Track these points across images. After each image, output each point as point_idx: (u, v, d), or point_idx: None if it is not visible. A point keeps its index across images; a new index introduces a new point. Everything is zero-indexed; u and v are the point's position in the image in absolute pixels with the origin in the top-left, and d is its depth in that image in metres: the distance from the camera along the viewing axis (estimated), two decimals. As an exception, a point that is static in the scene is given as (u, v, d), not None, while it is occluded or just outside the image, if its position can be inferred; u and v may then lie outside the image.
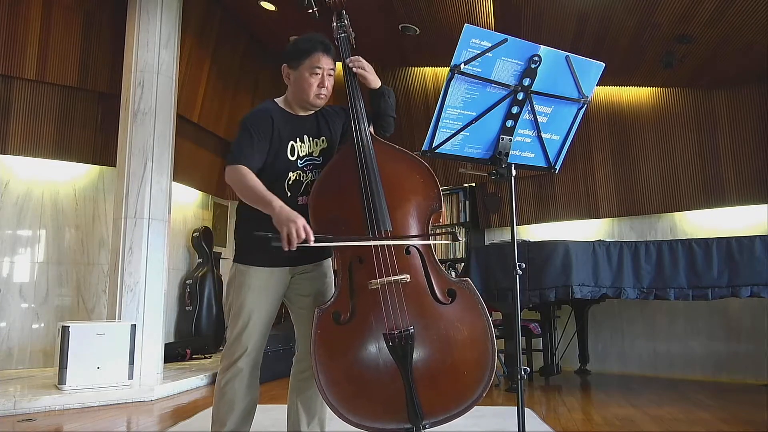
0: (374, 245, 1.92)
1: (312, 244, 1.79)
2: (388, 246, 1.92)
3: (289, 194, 2.02)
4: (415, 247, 1.97)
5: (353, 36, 2.22)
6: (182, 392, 4.17)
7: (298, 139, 2.05)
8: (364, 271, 1.92)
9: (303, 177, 2.05)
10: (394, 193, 1.99)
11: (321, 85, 2.01)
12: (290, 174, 2.03)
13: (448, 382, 1.90)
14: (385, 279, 1.89)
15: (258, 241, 1.82)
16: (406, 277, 1.91)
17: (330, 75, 2.04)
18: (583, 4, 4.16)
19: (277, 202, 1.83)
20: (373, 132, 2.18)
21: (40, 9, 4.74)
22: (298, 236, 1.75)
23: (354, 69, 2.10)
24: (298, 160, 2.05)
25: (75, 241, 5.17)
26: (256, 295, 2.02)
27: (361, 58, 2.13)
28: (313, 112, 2.12)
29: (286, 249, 1.76)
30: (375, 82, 2.13)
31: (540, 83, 1.87)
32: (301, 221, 1.78)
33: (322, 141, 2.12)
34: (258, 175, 1.97)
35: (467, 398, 1.90)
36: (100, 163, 5.23)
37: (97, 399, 3.69)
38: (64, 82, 4.94)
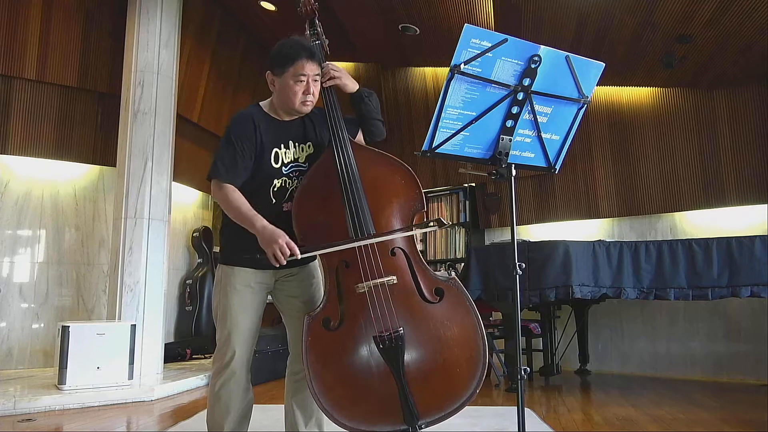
0: (359, 247, 1.91)
1: (299, 257, 1.83)
2: (373, 248, 1.92)
3: (274, 201, 2.02)
4: (400, 248, 1.98)
5: (327, 43, 2.20)
6: (182, 392, 4.17)
7: (282, 146, 2.03)
8: (351, 275, 1.93)
9: (288, 184, 2.04)
10: (375, 197, 2.00)
11: (306, 92, 1.98)
12: (275, 181, 2.02)
13: (441, 380, 1.91)
14: (371, 282, 1.90)
15: (242, 242, 1.85)
16: (393, 278, 1.92)
17: (315, 81, 2.00)
18: (583, 4, 4.16)
19: (260, 223, 1.86)
20: (363, 139, 2.17)
21: (40, 9, 4.74)
22: (284, 254, 1.80)
23: (326, 84, 2.08)
24: (283, 167, 2.03)
25: (75, 241, 5.17)
26: (241, 296, 2.02)
27: (330, 65, 2.10)
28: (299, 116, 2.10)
29: (276, 266, 1.83)
30: (352, 85, 2.12)
31: (540, 83, 1.88)
32: (284, 239, 1.81)
33: (309, 146, 2.10)
34: (243, 183, 1.98)
35: (461, 395, 1.91)
36: (100, 163, 5.23)
37: (97, 399, 3.69)
38: (64, 82, 4.94)
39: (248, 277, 2.03)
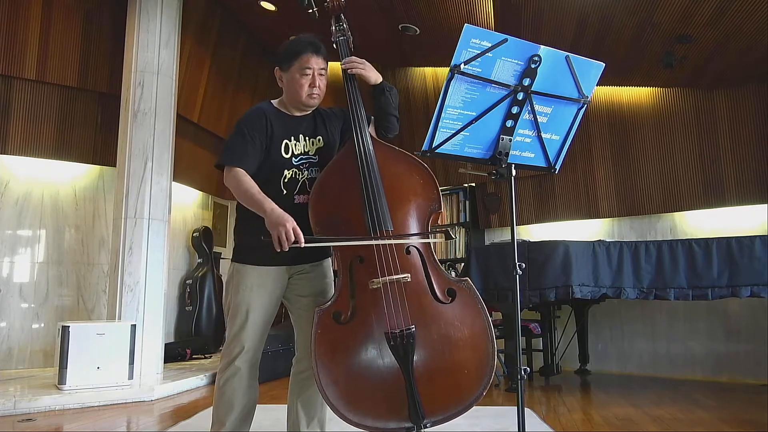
0: (375, 244, 1.92)
1: (302, 245, 1.82)
2: (389, 245, 1.93)
3: (284, 192, 2.04)
4: (415, 246, 1.98)
5: (351, 39, 2.21)
6: (182, 392, 4.17)
7: (292, 137, 2.06)
8: (365, 270, 1.93)
9: (299, 175, 2.06)
10: (394, 194, 2.00)
11: (312, 85, 2.02)
12: (285, 172, 2.04)
13: (449, 380, 1.91)
14: (386, 278, 1.90)
15: (256, 241, 1.85)
16: (407, 276, 1.92)
17: (321, 75, 2.04)
18: (583, 4, 4.16)
19: (269, 205, 1.86)
20: (374, 134, 2.18)
21: (40, 9, 4.74)
22: (288, 238, 1.79)
23: (350, 71, 2.10)
24: (293, 158, 2.05)
25: (75, 241, 5.17)
26: (253, 294, 2.02)
27: (354, 58, 2.13)
28: (309, 112, 2.12)
29: (278, 250, 1.81)
30: (375, 77, 2.13)
31: (540, 83, 1.87)
32: (291, 224, 1.81)
33: (319, 140, 2.12)
34: (254, 174, 2.00)
35: (468, 397, 1.91)
36: (100, 163, 5.23)
37: (97, 399, 3.69)
38: (64, 82, 4.94)
39: (261, 276, 2.04)
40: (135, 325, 4.07)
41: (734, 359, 4.72)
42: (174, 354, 5.14)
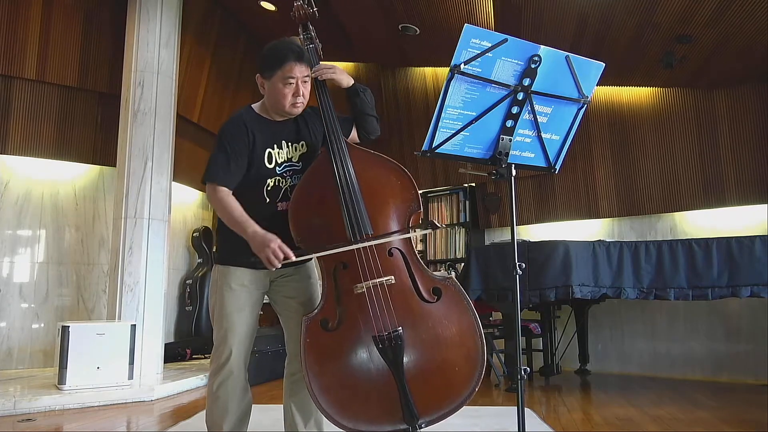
0: (356, 249, 1.91)
1: (293, 259, 1.84)
2: (371, 249, 1.93)
3: (267, 200, 2.03)
4: (397, 248, 1.98)
5: (320, 47, 2.19)
6: (182, 392, 4.17)
7: (275, 146, 2.04)
8: (349, 276, 1.94)
9: (282, 183, 2.05)
10: (372, 198, 2.00)
11: (296, 94, 1.98)
12: (268, 181, 2.02)
13: (440, 379, 1.91)
14: (370, 282, 1.90)
15: (238, 243, 1.87)
16: (391, 278, 1.93)
17: (305, 82, 2.00)
18: (583, 4, 4.16)
19: (251, 228, 1.87)
20: (357, 138, 2.17)
21: (40, 9, 4.74)
22: (277, 257, 1.81)
23: (320, 78, 2.07)
24: (276, 167, 2.04)
25: (75, 241, 5.17)
26: (236, 295, 2.02)
27: (323, 64, 2.09)
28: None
29: (272, 269, 1.84)
30: (347, 80, 2.11)
31: (540, 83, 1.87)
32: (276, 242, 1.82)
33: (302, 146, 2.10)
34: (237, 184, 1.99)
35: (460, 394, 1.91)
36: (100, 163, 5.23)
37: (97, 399, 3.69)
38: (64, 82, 4.94)
39: (243, 277, 2.03)
40: (135, 325, 4.07)
41: (734, 359, 4.72)
42: (174, 354, 5.14)
